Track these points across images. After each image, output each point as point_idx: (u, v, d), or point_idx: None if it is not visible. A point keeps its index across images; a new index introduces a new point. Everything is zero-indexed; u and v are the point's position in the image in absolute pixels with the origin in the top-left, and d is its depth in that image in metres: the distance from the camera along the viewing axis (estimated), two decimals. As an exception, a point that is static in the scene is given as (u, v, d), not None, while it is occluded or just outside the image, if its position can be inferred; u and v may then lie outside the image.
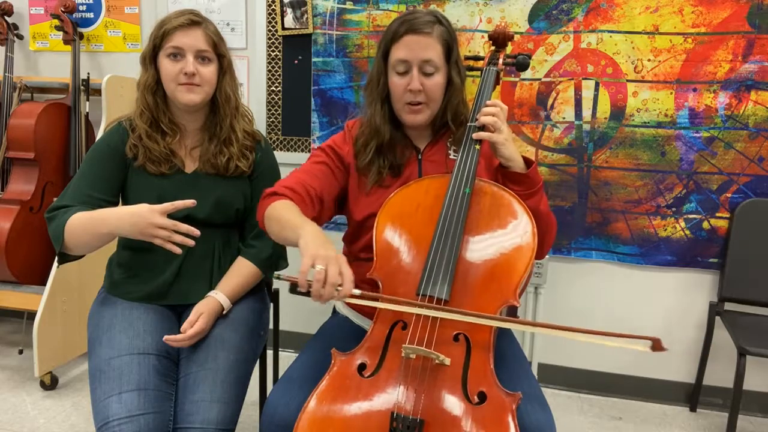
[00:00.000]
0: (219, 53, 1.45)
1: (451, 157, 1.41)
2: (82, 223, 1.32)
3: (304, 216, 1.21)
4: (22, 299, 2.36)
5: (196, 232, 1.24)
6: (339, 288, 1.03)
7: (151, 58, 1.43)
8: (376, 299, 1.14)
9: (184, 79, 1.39)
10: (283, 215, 1.21)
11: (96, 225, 1.30)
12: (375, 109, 1.40)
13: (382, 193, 1.35)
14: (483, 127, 1.27)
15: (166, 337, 1.33)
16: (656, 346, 1.01)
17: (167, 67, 1.40)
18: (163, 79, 1.43)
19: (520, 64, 1.47)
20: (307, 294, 1.04)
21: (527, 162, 1.30)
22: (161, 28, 1.40)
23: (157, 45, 1.42)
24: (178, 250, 1.24)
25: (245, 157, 1.51)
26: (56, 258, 1.43)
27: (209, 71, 1.43)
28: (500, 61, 1.45)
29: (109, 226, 1.29)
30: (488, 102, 1.30)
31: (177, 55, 1.40)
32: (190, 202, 1.25)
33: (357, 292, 1.06)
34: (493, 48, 1.52)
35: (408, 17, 1.32)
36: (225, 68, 1.48)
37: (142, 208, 1.24)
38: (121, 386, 1.24)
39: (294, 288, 1.07)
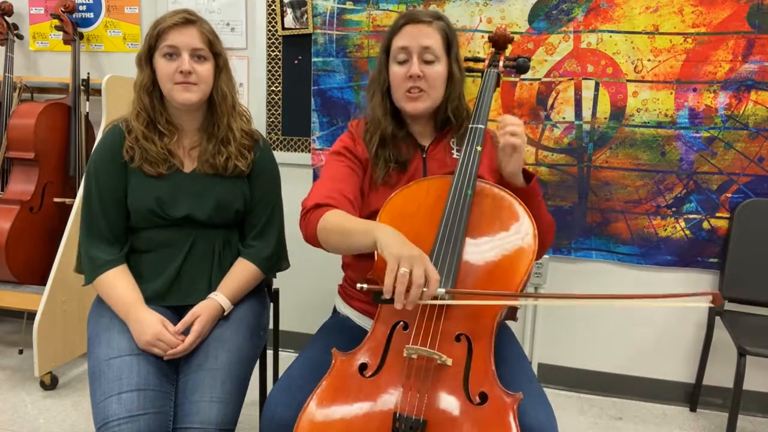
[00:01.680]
0: (215, 52, 1.45)
1: (455, 155, 1.41)
2: (105, 291, 1.43)
3: (363, 219, 1.18)
4: (22, 299, 2.35)
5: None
6: (424, 289, 0.99)
7: (146, 59, 1.43)
8: (468, 297, 1.09)
9: (180, 77, 1.38)
10: (344, 224, 1.18)
11: (114, 305, 1.41)
12: (376, 102, 1.41)
13: (387, 191, 1.35)
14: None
15: (165, 357, 1.34)
16: (716, 300, 1.00)
17: (163, 66, 1.40)
18: (159, 79, 1.42)
19: (521, 66, 1.47)
20: (392, 301, 0.99)
21: (527, 176, 1.31)
22: (156, 28, 1.40)
23: (152, 45, 1.41)
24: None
25: (243, 156, 1.50)
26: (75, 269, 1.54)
27: (205, 69, 1.42)
28: (501, 63, 1.45)
29: (121, 315, 1.39)
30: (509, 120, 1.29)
31: (172, 54, 1.39)
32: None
33: (441, 291, 1.03)
34: (493, 50, 1.52)
35: (409, 12, 1.39)
36: (221, 67, 1.47)
37: (152, 327, 1.34)
38: (121, 386, 1.24)
39: (379, 296, 1.01)
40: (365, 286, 1.05)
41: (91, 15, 2.65)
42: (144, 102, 1.43)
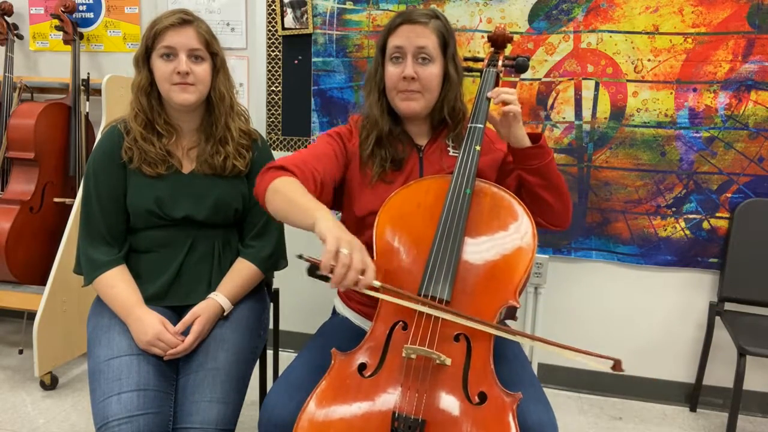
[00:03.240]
0: (212, 51, 1.44)
1: (450, 153, 1.41)
2: (105, 291, 1.43)
3: (314, 198, 1.16)
4: (22, 299, 2.35)
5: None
6: (361, 276, 0.99)
7: (144, 60, 1.42)
8: (397, 295, 1.10)
9: (178, 78, 1.38)
10: (293, 194, 1.16)
11: (114, 305, 1.41)
12: (372, 100, 1.41)
13: (384, 189, 1.35)
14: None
15: (165, 357, 1.34)
16: (616, 367, 1.07)
17: (160, 67, 1.39)
18: (156, 79, 1.41)
19: (520, 65, 1.47)
20: (326, 278, 1.00)
21: (534, 137, 1.33)
22: (152, 29, 1.40)
23: (149, 46, 1.41)
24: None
25: (242, 156, 1.50)
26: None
27: (202, 70, 1.42)
28: (500, 62, 1.45)
29: (121, 315, 1.39)
30: (492, 93, 1.33)
31: (170, 54, 1.39)
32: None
33: (377, 283, 1.03)
34: (492, 49, 1.52)
35: (406, 11, 1.37)
36: (218, 67, 1.47)
37: (152, 327, 1.34)
38: (121, 386, 1.25)
39: (314, 270, 1.02)
40: (304, 254, 1.04)
41: (91, 15, 2.65)
42: (142, 103, 1.43)
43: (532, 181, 1.32)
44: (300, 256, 1.06)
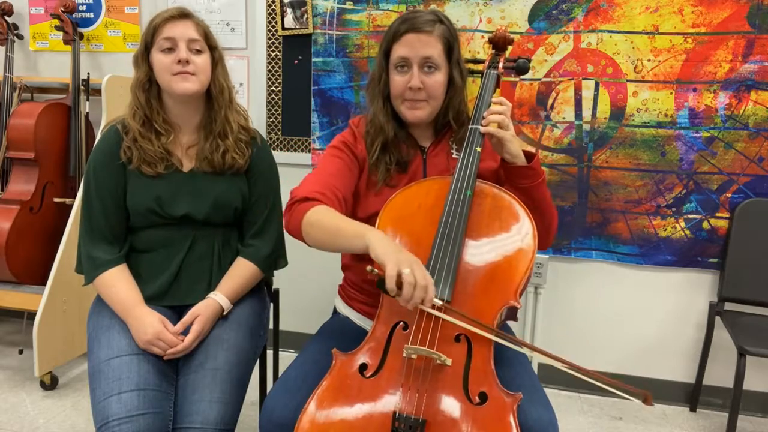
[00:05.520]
0: (210, 45, 1.45)
1: (454, 156, 1.41)
2: (105, 291, 1.43)
3: (353, 220, 1.18)
4: (22, 299, 2.35)
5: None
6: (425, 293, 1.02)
7: (143, 56, 1.43)
8: (460, 317, 1.10)
9: (178, 68, 1.38)
10: (333, 222, 1.17)
11: (114, 304, 1.41)
12: (377, 107, 1.40)
13: (388, 191, 1.35)
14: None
15: (165, 357, 1.34)
16: (647, 400, 1.06)
17: (161, 59, 1.39)
18: (157, 73, 1.41)
19: (520, 68, 1.47)
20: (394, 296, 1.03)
21: (529, 156, 1.31)
22: (151, 24, 1.41)
23: (148, 42, 1.41)
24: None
25: (241, 151, 1.50)
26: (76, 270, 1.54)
27: (202, 60, 1.42)
28: (500, 64, 1.45)
29: (121, 314, 1.40)
30: (494, 100, 1.30)
31: (170, 47, 1.39)
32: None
33: (438, 302, 1.06)
34: (493, 51, 1.52)
35: (409, 16, 1.34)
36: (217, 60, 1.48)
37: (152, 327, 1.34)
38: (121, 386, 1.24)
39: (382, 284, 1.03)
40: (375, 270, 1.05)
41: (91, 15, 2.65)
42: (140, 100, 1.43)
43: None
44: (371, 271, 1.06)
